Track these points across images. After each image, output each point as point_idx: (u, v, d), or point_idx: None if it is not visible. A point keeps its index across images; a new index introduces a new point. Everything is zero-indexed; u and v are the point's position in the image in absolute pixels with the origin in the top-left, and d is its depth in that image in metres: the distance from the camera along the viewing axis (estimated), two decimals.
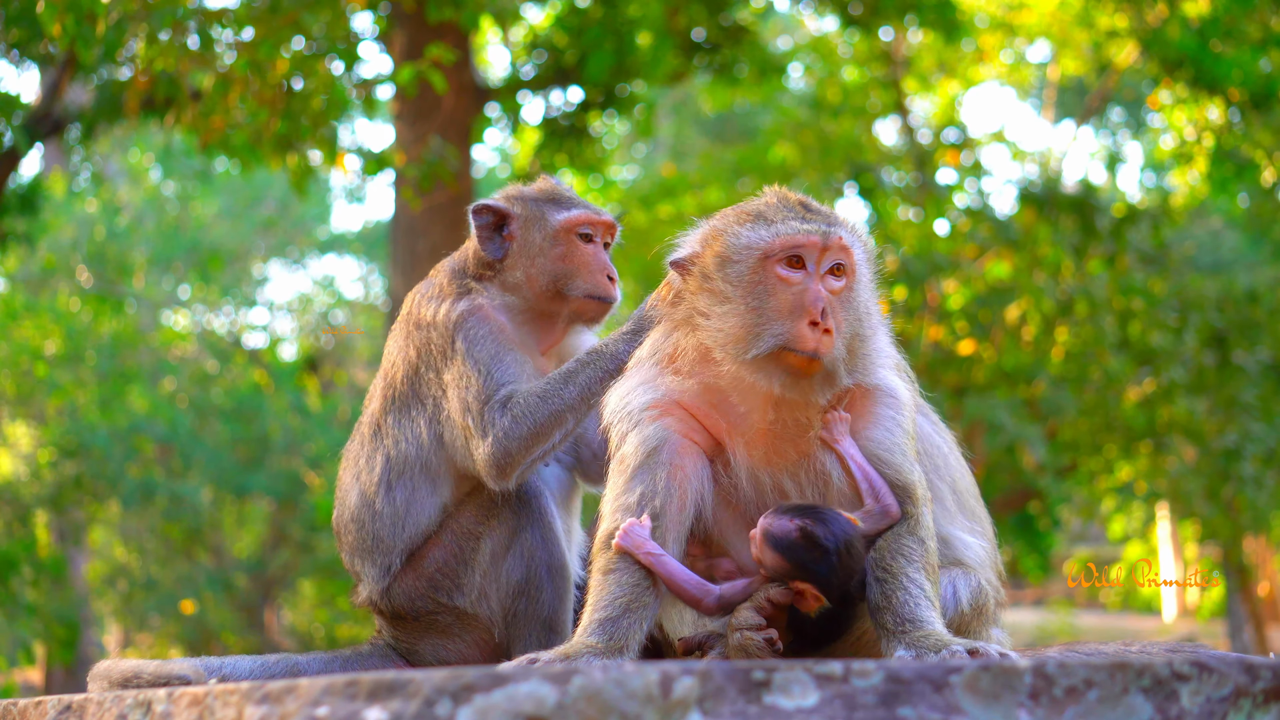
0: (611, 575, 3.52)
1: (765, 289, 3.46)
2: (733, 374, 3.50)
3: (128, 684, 3.92)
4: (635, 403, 3.63)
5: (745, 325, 3.46)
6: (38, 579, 15.93)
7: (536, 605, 4.07)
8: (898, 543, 3.48)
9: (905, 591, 3.40)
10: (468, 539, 4.13)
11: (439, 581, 4.14)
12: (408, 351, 4.24)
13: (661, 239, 3.85)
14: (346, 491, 4.33)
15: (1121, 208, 16.20)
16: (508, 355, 4.11)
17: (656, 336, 3.72)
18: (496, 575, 4.08)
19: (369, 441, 4.29)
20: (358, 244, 28.29)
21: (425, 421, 4.18)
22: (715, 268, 3.52)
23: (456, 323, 4.15)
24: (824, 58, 19.12)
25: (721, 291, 3.50)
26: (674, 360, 3.63)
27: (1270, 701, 2.79)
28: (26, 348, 18.69)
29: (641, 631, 3.48)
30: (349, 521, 4.29)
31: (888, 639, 3.38)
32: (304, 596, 21.99)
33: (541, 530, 4.09)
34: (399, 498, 4.19)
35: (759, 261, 3.48)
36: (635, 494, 3.55)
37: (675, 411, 3.60)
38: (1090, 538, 31.54)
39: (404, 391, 4.23)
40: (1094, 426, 15.27)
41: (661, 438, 3.58)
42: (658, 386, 3.62)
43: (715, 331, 3.50)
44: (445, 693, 2.53)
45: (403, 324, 4.30)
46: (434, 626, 4.19)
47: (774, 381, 3.46)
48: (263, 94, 8.01)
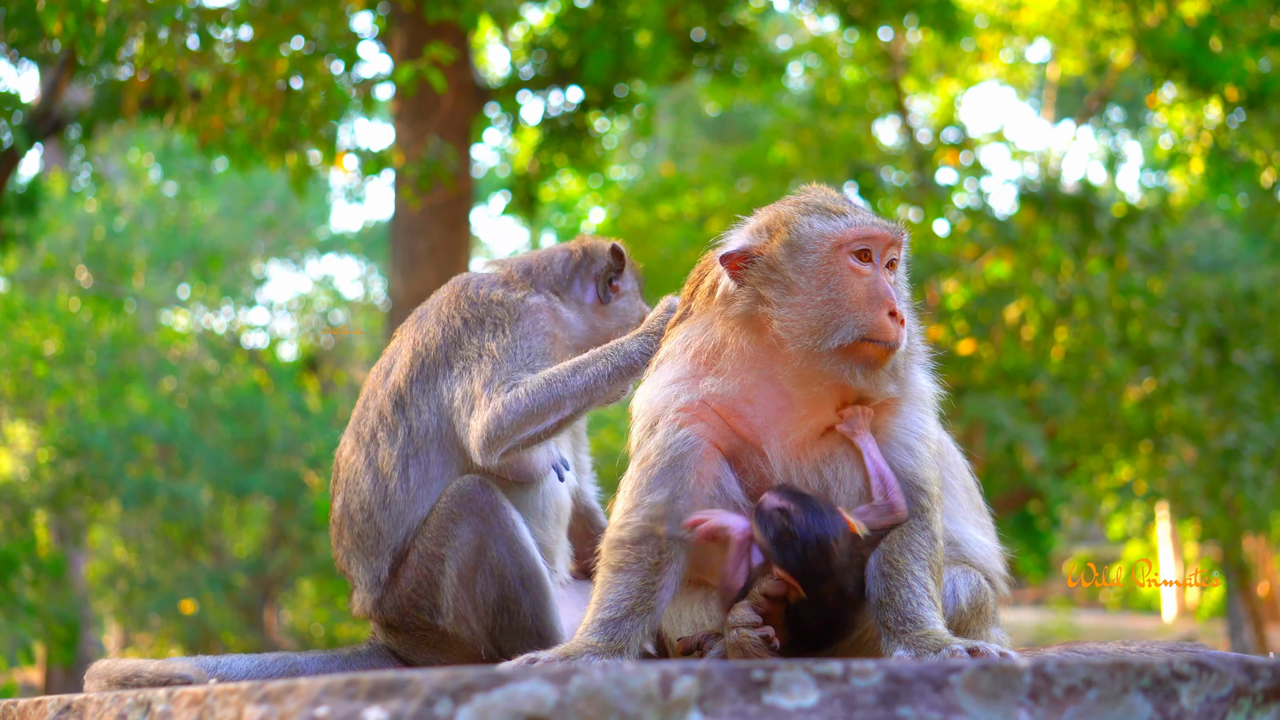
0: (620, 575, 3.50)
1: (840, 279, 3.46)
2: (800, 366, 3.47)
3: (127, 683, 3.91)
4: (669, 402, 3.57)
5: (823, 315, 3.43)
6: (38, 579, 15.92)
7: (518, 618, 3.99)
8: (909, 539, 3.47)
9: (909, 589, 3.40)
10: (433, 561, 4.04)
11: (418, 601, 4.08)
12: (453, 321, 4.18)
13: (661, 239, 3.83)
14: (357, 475, 4.19)
15: (1121, 207, 16.22)
16: (550, 357, 4.13)
17: (691, 332, 3.64)
18: (470, 597, 4.01)
19: (390, 415, 4.17)
20: (357, 244, 28.29)
21: (447, 387, 4.11)
22: (785, 258, 3.49)
23: (528, 308, 4.18)
24: (823, 58, 19.12)
25: (792, 282, 3.47)
26: (715, 358, 3.57)
27: (1270, 701, 2.79)
28: (26, 348, 18.69)
29: (642, 635, 3.47)
30: (356, 511, 4.16)
31: (888, 637, 3.38)
32: (304, 596, 22.00)
33: (506, 543, 3.99)
34: (413, 478, 4.10)
35: (831, 251, 3.48)
36: (660, 495, 3.51)
37: (708, 416, 3.56)
38: (1090, 538, 31.56)
39: (436, 359, 4.14)
40: (1094, 426, 15.28)
41: (691, 443, 3.54)
42: (695, 387, 3.57)
43: (788, 322, 3.45)
44: (445, 692, 2.53)
45: (449, 301, 4.25)
46: (425, 641, 4.14)
47: (852, 372, 3.44)
48: (262, 93, 8.01)
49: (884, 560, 3.45)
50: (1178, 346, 14.93)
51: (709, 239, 3.86)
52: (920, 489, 3.53)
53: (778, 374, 3.52)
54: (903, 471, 3.53)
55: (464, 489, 4.02)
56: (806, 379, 3.49)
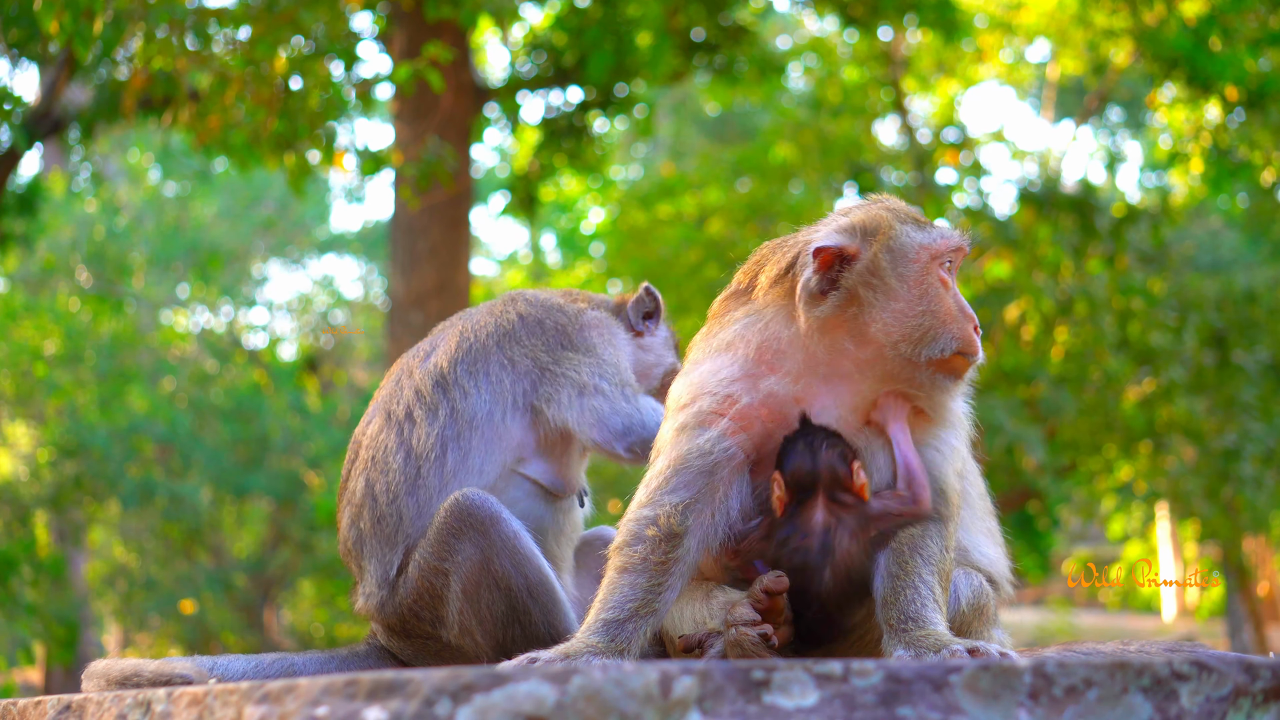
0: (626, 576, 3.47)
1: (935, 291, 3.46)
2: (889, 371, 3.46)
3: (126, 683, 3.89)
4: (724, 404, 3.50)
5: (922, 326, 3.43)
6: (37, 579, 15.92)
7: (530, 628, 3.94)
8: (921, 542, 3.46)
9: (914, 590, 3.40)
10: (436, 575, 3.97)
11: (420, 612, 4.03)
12: (506, 314, 4.18)
13: (661, 239, 3.82)
14: (386, 453, 4.06)
15: (1121, 207, 16.22)
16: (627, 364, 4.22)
17: (753, 324, 3.56)
18: (476, 610, 3.95)
19: (430, 394, 4.07)
20: (357, 244, 28.29)
21: (511, 382, 4.07)
22: (888, 263, 3.46)
23: (590, 322, 4.22)
24: (823, 57, 19.12)
25: (894, 289, 3.45)
26: (781, 356, 3.51)
27: (1270, 701, 2.79)
28: (26, 348, 18.70)
29: (644, 638, 3.46)
30: (381, 492, 4.04)
31: (889, 635, 3.38)
32: (303, 596, 22.00)
33: (509, 555, 3.92)
34: (450, 462, 4.02)
35: (929, 262, 3.48)
36: (681, 497, 3.47)
37: (754, 423, 3.49)
38: (1090, 538, 31.56)
39: (486, 346, 4.11)
40: (1093, 426, 15.27)
41: (731, 453, 3.49)
42: (755, 387, 3.51)
43: (889, 328, 3.44)
44: (445, 692, 2.53)
45: (502, 300, 4.29)
46: (427, 649, 4.09)
47: (942, 382, 3.47)
48: (260, 93, 8.00)
49: (893, 560, 3.45)
50: (1177, 346, 14.93)
51: (709, 239, 3.84)
52: (942, 494, 3.53)
53: (846, 376, 3.50)
54: (929, 472, 3.54)
55: (462, 503, 3.93)
56: (885, 381, 3.49)
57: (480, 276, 27.21)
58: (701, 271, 17.23)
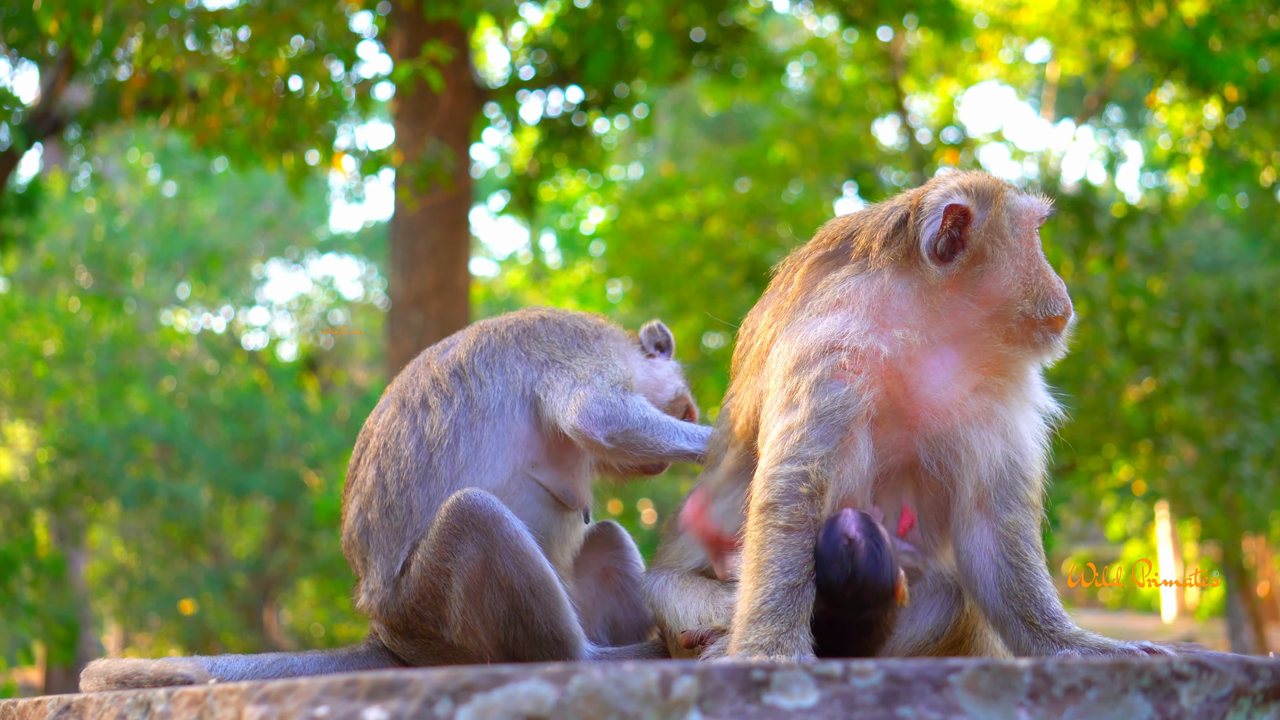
0: (794, 535, 3.31)
1: (1040, 255, 3.55)
2: (1009, 329, 3.48)
3: (126, 683, 3.89)
4: (865, 356, 3.41)
5: (1039, 285, 3.49)
6: (37, 579, 15.92)
7: (533, 628, 3.94)
8: (1029, 531, 3.48)
9: (1043, 586, 3.44)
10: (438, 575, 3.96)
11: (423, 612, 4.02)
12: (529, 316, 4.25)
13: (661, 239, 3.82)
14: (398, 440, 4.05)
15: (1121, 207, 16.22)
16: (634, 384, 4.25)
17: (864, 282, 3.51)
18: (479, 611, 3.94)
19: (446, 382, 4.09)
20: (357, 244, 28.28)
21: (524, 372, 4.10)
22: (1009, 225, 3.52)
23: (608, 333, 4.29)
24: (823, 58, 19.12)
25: (1016, 250, 3.51)
26: (901, 315, 3.47)
27: (1270, 701, 2.79)
28: (26, 348, 18.71)
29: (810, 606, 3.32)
30: (391, 481, 4.03)
31: (1032, 635, 3.39)
32: (303, 596, 22.01)
33: (512, 555, 3.91)
34: (462, 453, 4.01)
35: (1035, 225, 3.57)
36: (822, 450, 3.34)
37: (882, 379, 3.41)
38: (1090, 538, 31.55)
39: (505, 340, 4.16)
40: (1093, 426, 15.27)
41: (867, 407, 3.39)
42: (890, 338, 3.44)
43: (1013, 288, 3.48)
44: (445, 692, 2.53)
45: (524, 309, 4.38)
46: (429, 650, 4.09)
47: (1055, 340, 3.53)
48: (259, 93, 7.99)
49: (1010, 550, 3.45)
50: (1177, 346, 14.93)
51: (709, 239, 3.84)
52: (1028, 482, 3.54)
53: (967, 335, 3.49)
54: (1019, 460, 3.53)
55: (464, 502, 3.92)
56: (1004, 340, 3.49)
57: (480, 277, 27.24)
58: (701, 271, 17.24)
